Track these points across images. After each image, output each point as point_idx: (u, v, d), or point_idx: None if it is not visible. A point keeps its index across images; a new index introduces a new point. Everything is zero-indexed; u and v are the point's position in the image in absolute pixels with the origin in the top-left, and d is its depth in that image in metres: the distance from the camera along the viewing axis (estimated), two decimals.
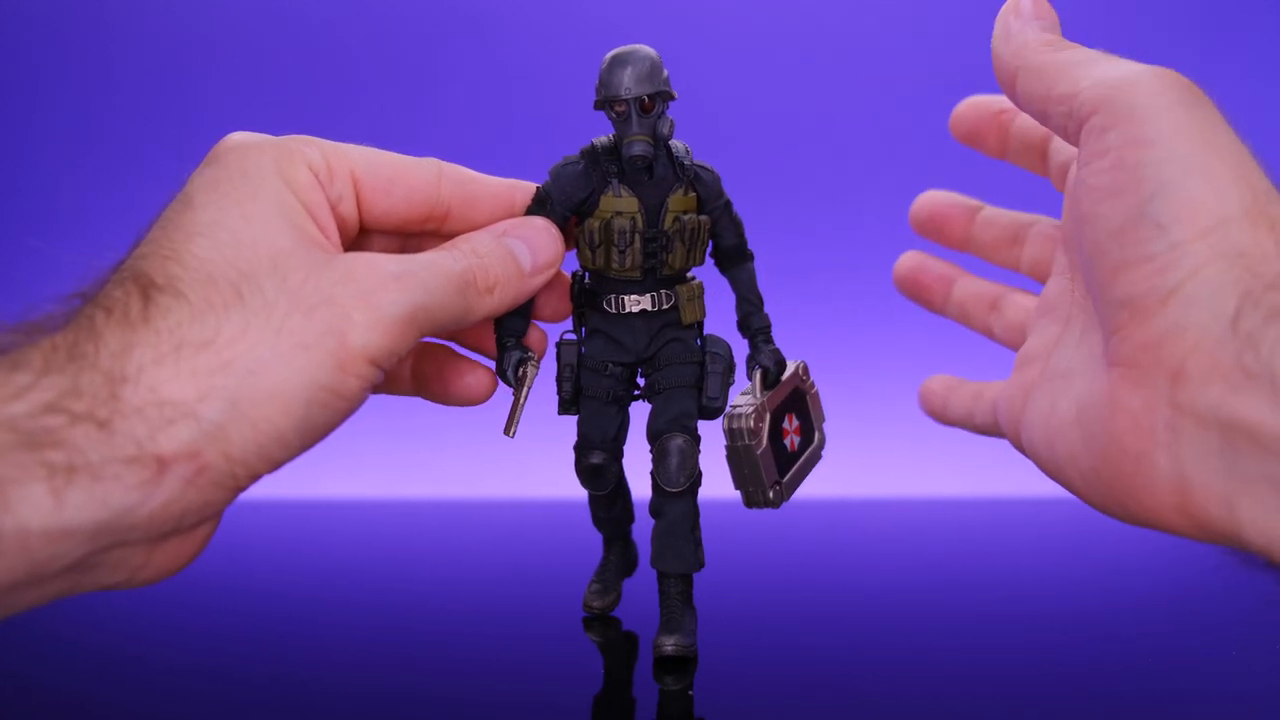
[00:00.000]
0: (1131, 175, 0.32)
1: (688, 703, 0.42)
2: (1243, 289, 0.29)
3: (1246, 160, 0.32)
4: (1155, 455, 0.31)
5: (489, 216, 0.41)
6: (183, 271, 0.31)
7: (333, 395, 0.32)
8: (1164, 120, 0.32)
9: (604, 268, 0.43)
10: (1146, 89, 0.33)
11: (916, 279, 0.52)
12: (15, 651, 0.48)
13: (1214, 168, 0.31)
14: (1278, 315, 0.28)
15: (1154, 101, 0.33)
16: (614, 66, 0.40)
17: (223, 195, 0.33)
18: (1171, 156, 0.31)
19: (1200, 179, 0.31)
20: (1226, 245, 0.30)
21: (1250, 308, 0.29)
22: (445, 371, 0.43)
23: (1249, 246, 0.30)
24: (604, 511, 0.49)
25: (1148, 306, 0.31)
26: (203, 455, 0.30)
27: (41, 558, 0.28)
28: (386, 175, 0.38)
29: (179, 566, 0.33)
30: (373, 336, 0.33)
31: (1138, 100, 0.33)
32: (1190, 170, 0.31)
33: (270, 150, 0.35)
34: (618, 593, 0.51)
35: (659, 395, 0.44)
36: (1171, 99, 0.32)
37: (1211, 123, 0.32)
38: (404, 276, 0.34)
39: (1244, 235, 0.30)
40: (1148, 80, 0.33)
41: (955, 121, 0.49)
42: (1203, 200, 0.31)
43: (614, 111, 0.41)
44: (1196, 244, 0.30)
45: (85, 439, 0.28)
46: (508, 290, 0.39)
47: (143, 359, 0.30)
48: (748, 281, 0.45)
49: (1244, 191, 0.31)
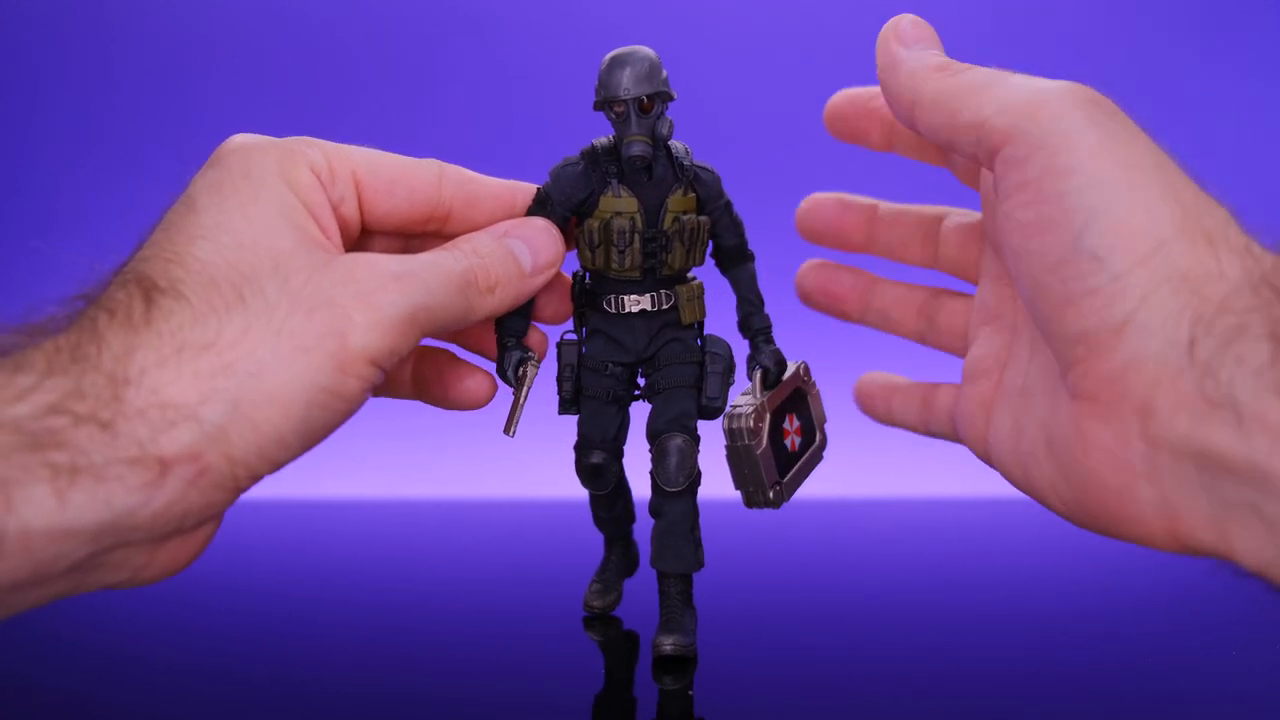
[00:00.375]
0: (1057, 208, 0.31)
1: (687, 702, 0.42)
2: (1193, 314, 0.29)
3: (1171, 172, 0.31)
4: (1137, 488, 0.31)
5: (489, 217, 0.41)
6: (185, 274, 0.32)
7: (333, 397, 0.32)
8: (1080, 144, 0.31)
9: (604, 268, 0.43)
10: (1056, 112, 0.32)
11: (827, 289, 0.49)
12: (15, 651, 0.48)
13: (1140, 187, 0.30)
14: (1231, 341, 0.28)
15: (1066, 125, 0.31)
16: (613, 67, 0.40)
17: (225, 198, 0.33)
18: (1095, 182, 0.30)
19: (1128, 202, 0.30)
20: (1169, 269, 0.29)
21: (1203, 334, 0.28)
22: (445, 375, 0.43)
23: (1191, 267, 0.29)
24: (605, 511, 0.49)
25: (1102, 340, 0.30)
26: (204, 457, 0.30)
27: (45, 558, 0.28)
28: (388, 176, 0.38)
29: (181, 566, 0.33)
30: (373, 338, 0.33)
31: (1049, 126, 0.32)
32: (1117, 194, 0.30)
33: (272, 152, 0.35)
34: (618, 592, 0.51)
35: (659, 395, 0.44)
36: (1084, 119, 0.31)
37: (1130, 138, 0.31)
38: (405, 277, 0.34)
39: (1184, 256, 0.29)
40: (1055, 102, 0.32)
41: (831, 118, 0.46)
42: (1135, 225, 0.30)
43: (613, 112, 0.41)
44: (1138, 272, 0.29)
45: (88, 440, 0.28)
46: (508, 290, 0.39)
47: (145, 361, 0.30)
48: (748, 282, 0.45)
49: (1174, 208, 0.30)
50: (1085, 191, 0.30)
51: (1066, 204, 0.31)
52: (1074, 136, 0.31)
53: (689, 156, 0.43)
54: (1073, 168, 0.31)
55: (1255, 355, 0.27)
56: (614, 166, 0.42)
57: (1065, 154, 0.31)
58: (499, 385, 0.43)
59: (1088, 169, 0.31)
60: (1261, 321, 0.28)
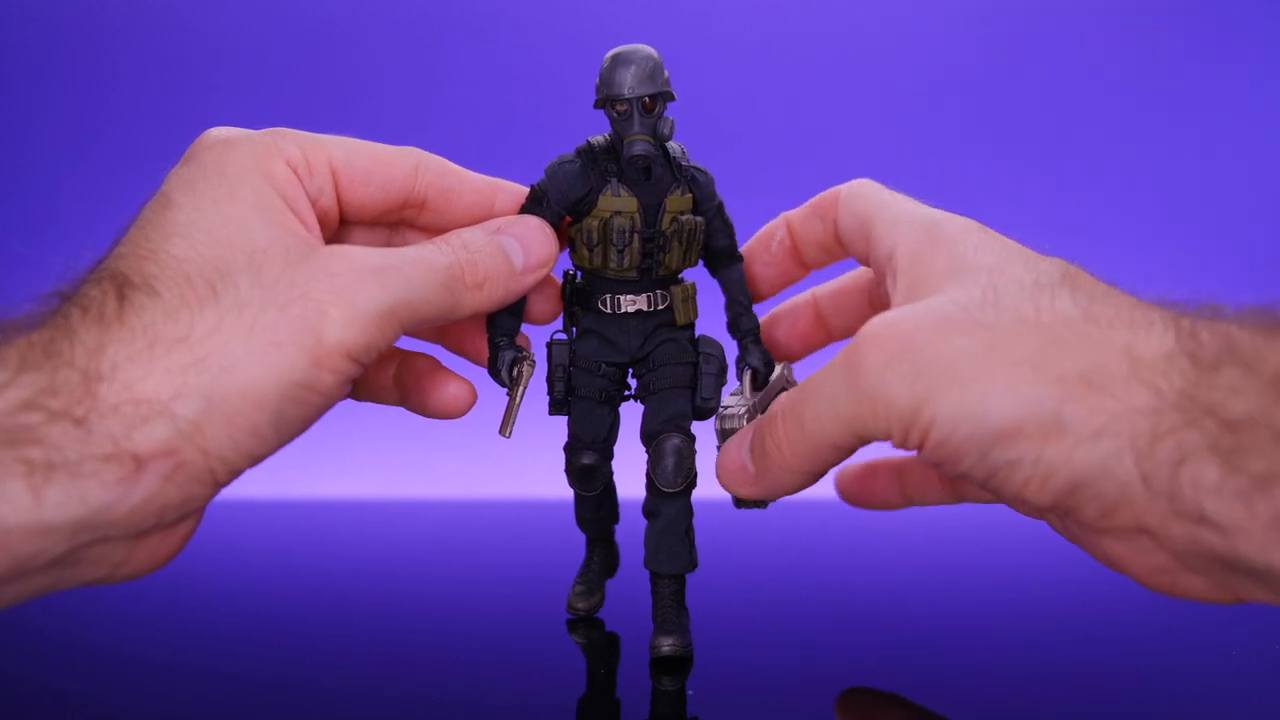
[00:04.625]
0: (950, 454, 0.31)
1: (682, 703, 0.42)
2: (1132, 454, 0.28)
3: (1005, 337, 0.30)
4: (1183, 578, 0.31)
5: (466, 211, 0.41)
6: (159, 270, 0.31)
7: (308, 391, 0.32)
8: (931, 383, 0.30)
9: (600, 267, 0.43)
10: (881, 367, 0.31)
11: (867, 490, 0.48)
12: (15, 651, 0.49)
13: (995, 388, 0.30)
14: (1179, 465, 0.28)
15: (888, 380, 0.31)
16: (616, 65, 0.40)
17: (200, 195, 0.33)
18: (961, 410, 0.30)
19: (999, 408, 0.29)
20: (1079, 433, 0.29)
21: (1151, 467, 0.28)
22: (424, 382, 0.42)
23: (1092, 420, 0.29)
24: (591, 513, 0.49)
25: (1067, 504, 0.30)
26: (179, 452, 0.30)
27: (22, 554, 0.28)
28: (364, 166, 0.38)
29: (161, 562, 0.33)
30: (349, 333, 0.32)
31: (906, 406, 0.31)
32: (983, 406, 0.30)
33: (248, 146, 0.35)
34: (602, 594, 0.50)
35: (654, 395, 0.44)
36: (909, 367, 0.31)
37: (964, 332, 0.31)
38: (384, 271, 0.34)
39: (1082, 414, 0.29)
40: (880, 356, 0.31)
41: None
42: (1019, 423, 0.29)
43: (615, 110, 0.40)
44: (1051, 448, 0.29)
45: (63, 436, 0.28)
46: (497, 286, 0.38)
47: (117, 356, 0.30)
48: (738, 283, 0.45)
49: (1036, 384, 0.29)
50: (959, 426, 0.30)
51: (955, 447, 0.30)
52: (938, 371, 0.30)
53: (685, 157, 0.43)
54: (936, 412, 0.30)
55: (1206, 474, 0.27)
56: (613, 165, 0.42)
57: (927, 409, 0.30)
58: (478, 396, 0.43)
59: (944, 402, 0.30)
60: (1198, 439, 0.27)
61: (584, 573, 0.51)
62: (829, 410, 0.33)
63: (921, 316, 0.32)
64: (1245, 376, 0.28)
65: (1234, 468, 0.27)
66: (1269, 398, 0.27)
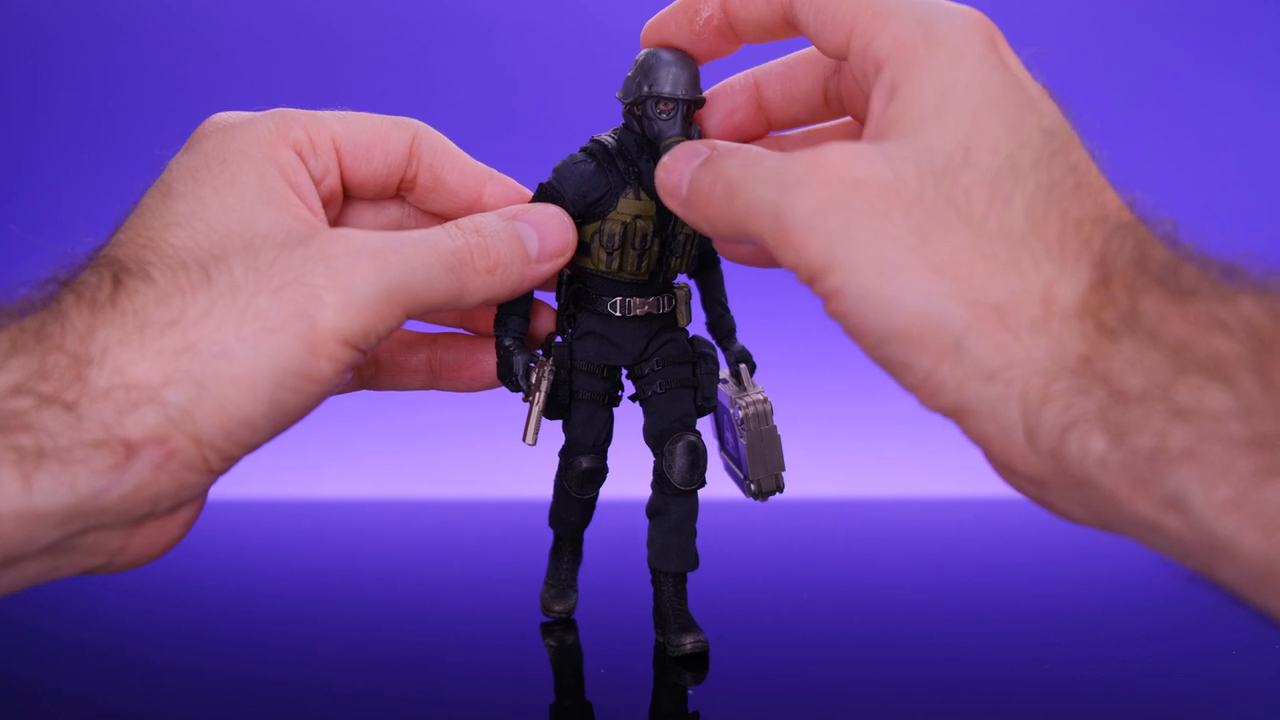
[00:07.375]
0: (854, 326, 0.30)
1: (683, 699, 0.42)
2: (1020, 404, 0.27)
3: (936, 240, 0.29)
4: (1051, 497, 0.29)
5: (451, 194, 0.40)
6: (156, 258, 0.31)
7: (303, 380, 0.31)
8: (845, 246, 0.29)
9: (616, 271, 0.42)
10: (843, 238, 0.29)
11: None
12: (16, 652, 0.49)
13: (912, 285, 0.28)
14: (1066, 431, 0.26)
15: (817, 223, 0.29)
16: (665, 64, 0.39)
17: (201, 184, 0.33)
18: (868, 294, 0.29)
19: (908, 309, 0.28)
20: (973, 366, 0.28)
21: (1037, 424, 0.27)
22: (460, 360, 0.42)
23: (991, 360, 0.28)
24: (575, 516, 0.47)
25: (951, 417, 0.29)
26: (171, 440, 0.29)
27: (14, 541, 0.28)
28: (366, 140, 0.38)
29: (160, 550, 0.32)
30: (344, 319, 0.31)
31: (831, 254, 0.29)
32: (893, 301, 0.29)
33: (250, 131, 0.35)
34: (575, 595, 0.49)
35: (659, 395, 0.44)
36: (840, 222, 0.29)
37: (883, 223, 0.29)
38: (384, 254, 0.33)
39: (985, 350, 0.28)
40: (812, 212, 0.30)
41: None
42: (922, 332, 0.28)
43: (657, 109, 0.39)
44: (945, 368, 0.28)
45: (53, 422, 0.28)
46: (510, 273, 0.37)
47: (107, 339, 0.29)
48: (718, 284, 0.46)
49: (953, 299, 0.28)
50: (865, 310, 0.29)
51: (855, 323, 0.30)
52: (837, 247, 0.29)
53: None
54: (842, 276, 0.29)
55: (1093, 444, 0.26)
56: (632, 168, 0.41)
57: (838, 276, 0.29)
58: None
59: (858, 278, 0.29)
60: (1088, 407, 0.26)
61: (555, 574, 0.49)
62: (755, 208, 0.31)
63: (874, 169, 0.30)
64: (1145, 349, 0.26)
65: (1122, 442, 0.26)
66: (1165, 371, 0.26)
